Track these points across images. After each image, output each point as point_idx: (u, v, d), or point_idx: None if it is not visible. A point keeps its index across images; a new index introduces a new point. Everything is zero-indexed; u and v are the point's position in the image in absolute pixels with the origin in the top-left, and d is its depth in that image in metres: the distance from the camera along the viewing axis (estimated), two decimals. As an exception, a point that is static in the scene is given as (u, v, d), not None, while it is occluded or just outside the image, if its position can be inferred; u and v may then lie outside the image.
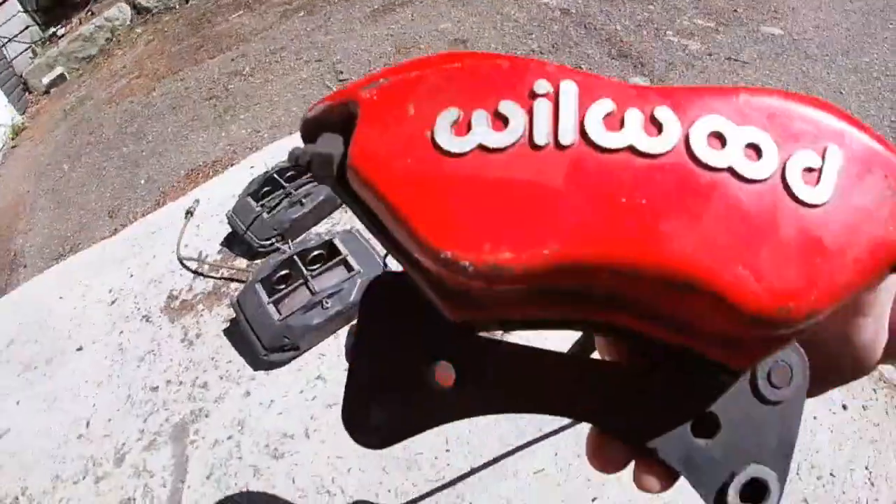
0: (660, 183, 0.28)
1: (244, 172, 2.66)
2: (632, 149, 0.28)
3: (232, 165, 2.82)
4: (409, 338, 0.41)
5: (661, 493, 0.40)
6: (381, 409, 0.43)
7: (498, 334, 0.89)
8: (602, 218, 0.28)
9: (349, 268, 1.89)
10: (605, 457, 0.41)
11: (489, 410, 0.41)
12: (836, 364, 0.44)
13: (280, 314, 1.79)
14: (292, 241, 2.14)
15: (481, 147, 0.30)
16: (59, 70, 5.73)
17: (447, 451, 1.54)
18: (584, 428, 0.40)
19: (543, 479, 1.47)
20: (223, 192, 2.58)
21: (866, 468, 1.48)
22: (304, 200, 2.18)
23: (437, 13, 4.03)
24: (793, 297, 0.27)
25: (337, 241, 1.94)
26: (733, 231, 0.28)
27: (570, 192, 0.28)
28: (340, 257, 1.91)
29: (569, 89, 0.30)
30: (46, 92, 5.50)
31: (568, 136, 0.29)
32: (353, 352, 0.44)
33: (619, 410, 0.38)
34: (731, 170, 0.28)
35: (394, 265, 1.99)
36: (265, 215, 2.15)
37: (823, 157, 0.29)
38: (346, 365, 1.41)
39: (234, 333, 1.93)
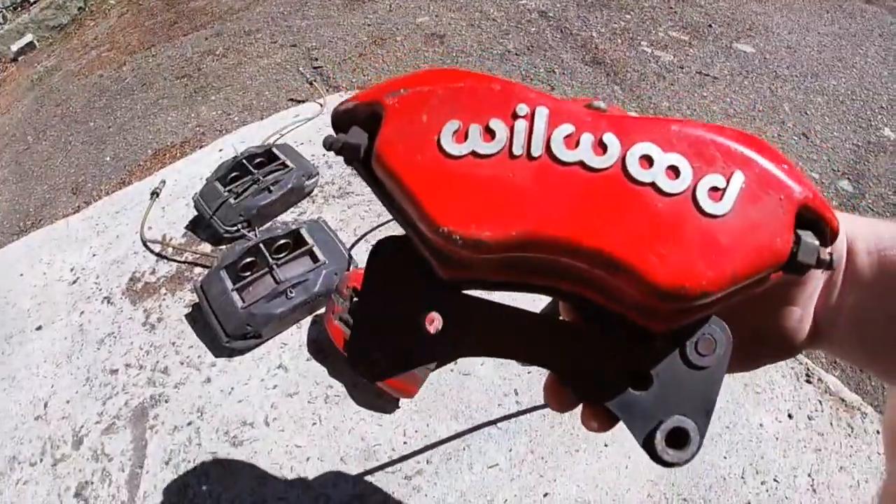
0: (600, 190, 0.39)
1: (213, 155, 2.65)
2: (582, 164, 0.39)
3: (201, 147, 2.79)
4: (407, 291, 0.50)
5: (601, 433, 0.49)
6: (381, 347, 0.51)
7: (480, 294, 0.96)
8: (556, 211, 0.39)
9: (314, 258, 1.90)
10: (559, 400, 0.51)
11: (467, 354, 0.51)
12: (766, 343, 0.54)
13: (244, 302, 1.79)
14: (258, 228, 2.14)
15: (474, 153, 0.41)
16: (28, 38, 5.57)
17: (405, 443, 1.57)
18: (537, 426, 0.46)
19: (498, 474, 1.51)
20: (190, 174, 2.56)
21: (809, 475, 1.54)
22: (271, 188, 2.18)
23: (416, 6, 4.01)
24: (689, 279, 0.37)
25: (303, 231, 1.95)
26: (650, 229, 0.38)
27: (535, 191, 0.40)
28: (306, 247, 1.91)
29: (542, 113, 0.41)
30: (14, 60, 5.35)
31: (537, 150, 0.40)
32: (360, 300, 0.53)
33: (572, 363, 0.48)
34: (653, 185, 0.38)
35: (359, 258, 2.00)
36: (232, 201, 2.15)
37: (728, 181, 0.38)
38: (307, 356, 1.44)
39: (197, 319, 1.93)
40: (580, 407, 0.51)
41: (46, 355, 1.96)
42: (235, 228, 2.12)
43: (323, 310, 1.86)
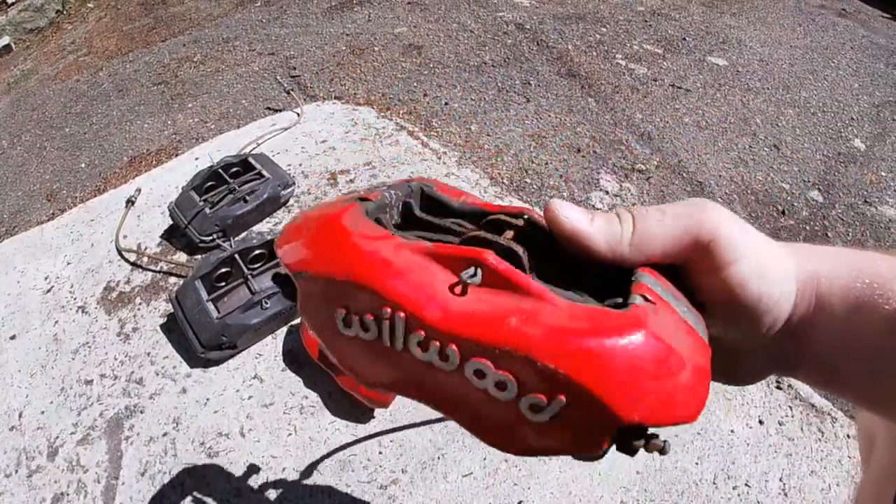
0: (444, 384, 0.45)
1: (189, 164, 2.65)
2: (429, 364, 0.44)
3: (177, 155, 2.78)
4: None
5: None
6: None
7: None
8: (415, 383, 0.47)
9: (290, 268, 1.90)
10: None
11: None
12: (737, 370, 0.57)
13: (219, 312, 1.79)
14: (234, 238, 2.14)
15: (358, 336, 0.48)
16: (6, 40, 5.50)
17: (380, 453, 1.58)
18: None
19: (472, 482, 1.53)
20: (166, 182, 2.56)
21: (781, 480, 1.57)
22: (247, 198, 2.18)
23: (394, 16, 4.03)
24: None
25: (279, 242, 1.95)
26: (480, 421, 0.45)
27: (402, 367, 0.47)
28: (282, 257, 1.92)
29: (399, 318, 0.45)
30: None
31: (399, 346, 0.45)
32: None
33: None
34: (485, 391, 0.43)
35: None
36: (208, 210, 2.15)
37: (549, 401, 0.40)
38: (282, 366, 1.44)
39: (172, 329, 1.93)
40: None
41: (20, 365, 1.94)
42: (211, 238, 2.12)
43: (298, 320, 1.87)
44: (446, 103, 3.01)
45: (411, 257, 0.47)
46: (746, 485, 1.57)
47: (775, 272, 0.50)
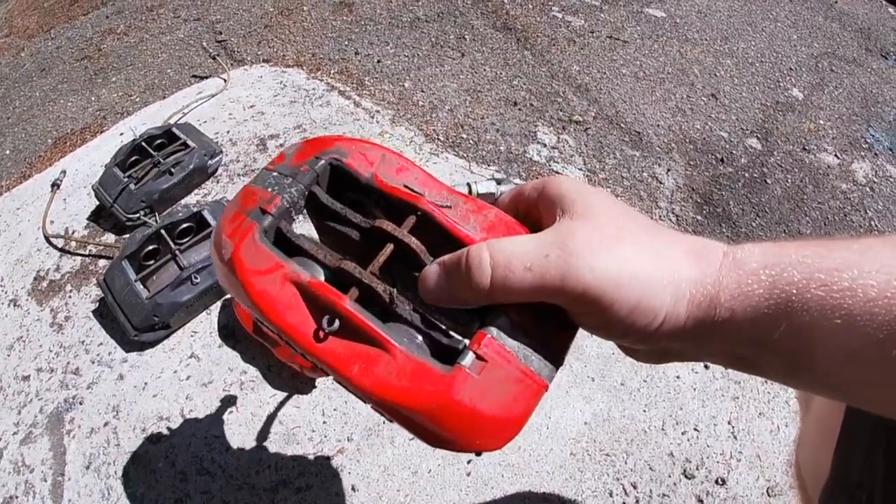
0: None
1: (114, 140, 2.53)
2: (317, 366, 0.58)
3: (101, 133, 2.67)
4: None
5: None
6: None
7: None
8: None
9: (219, 240, 1.83)
10: None
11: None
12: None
13: (148, 292, 1.72)
14: (162, 213, 2.06)
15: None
16: None
17: (324, 423, 1.54)
18: None
19: (420, 445, 1.49)
20: (91, 161, 2.45)
21: (729, 423, 1.57)
22: (172, 170, 2.09)
23: (323, -26, 3.89)
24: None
25: (206, 213, 1.87)
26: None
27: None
28: (210, 229, 1.84)
29: (289, 338, 0.52)
30: None
31: (297, 350, 0.54)
32: None
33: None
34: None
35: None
36: (132, 186, 2.05)
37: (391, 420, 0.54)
38: (219, 343, 1.40)
39: (104, 314, 1.86)
40: None
41: (-47, 366, 1.87)
42: (137, 215, 2.03)
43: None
44: (378, 61, 2.91)
45: (292, 293, 0.53)
46: (695, 429, 1.56)
47: (654, 298, 0.46)
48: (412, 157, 2.29)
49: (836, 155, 2.63)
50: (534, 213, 0.56)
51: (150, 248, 1.82)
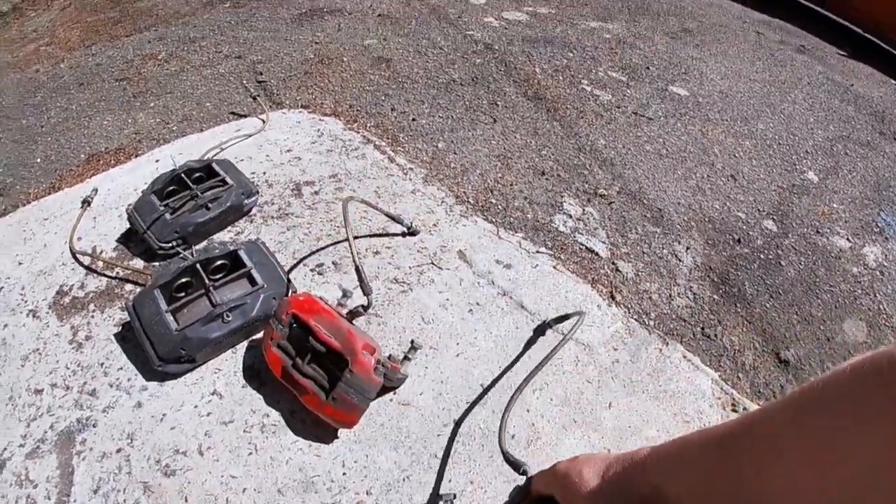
0: None
1: (149, 166, 2.58)
2: None
3: (136, 156, 2.71)
4: None
5: None
6: None
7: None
8: None
9: (253, 281, 1.87)
10: None
11: None
12: None
13: (178, 324, 1.75)
14: (194, 246, 2.09)
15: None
16: None
17: (343, 474, 1.56)
18: (475, 455, 0.48)
19: (435, 508, 1.52)
20: (124, 183, 2.49)
21: None
22: (210, 205, 2.13)
23: (364, 28, 3.98)
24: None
25: (242, 253, 1.91)
26: None
27: None
28: (244, 270, 1.88)
29: None
30: None
31: None
32: None
33: None
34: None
35: (297, 283, 1.99)
36: (168, 216, 2.09)
37: None
38: (243, 382, 1.43)
39: (127, 339, 1.87)
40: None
41: (-35, 370, 1.87)
42: (170, 245, 2.07)
43: (260, 335, 1.84)
44: (414, 119, 2.99)
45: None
46: None
47: None
48: (443, 217, 2.39)
49: (848, 238, 2.73)
50: None
51: (184, 280, 1.85)
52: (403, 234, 2.24)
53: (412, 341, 1.70)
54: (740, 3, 5.58)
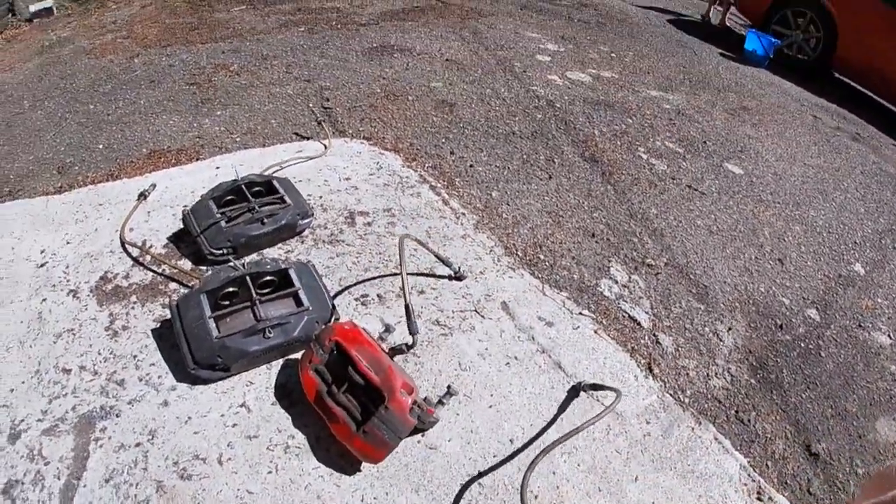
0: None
1: (208, 171, 2.62)
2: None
3: (198, 159, 2.76)
4: None
5: None
6: None
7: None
8: None
9: (298, 302, 1.88)
10: None
11: None
12: None
13: (219, 331, 1.76)
14: (243, 257, 2.11)
15: None
16: (48, 2, 5.43)
17: (360, 512, 1.55)
18: None
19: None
20: (182, 184, 2.53)
21: None
22: (265, 220, 2.16)
23: (432, 70, 4.09)
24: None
25: (292, 273, 1.93)
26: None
27: None
28: (292, 289, 1.89)
29: None
30: (29, 20, 5.16)
31: None
32: None
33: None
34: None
35: (341, 311, 2.00)
36: (223, 224, 2.12)
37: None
38: (273, 400, 1.45)
39: (164, 337, 1.88)
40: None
41: (-1, 335, 1.88)
42: (221, 252, 2.10)
43: (297, 355, 1.84)
44: (471, 165, 3.03)
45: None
46: None
47: None
48: (490, 266, 2.40)
49: (889, 335, 2.70)
50: None
51: (231, 289, 1.87)
52: (450, 278, 2.25)
53: (449, 386, 1.69)
54: (800, 87, 5.65)
